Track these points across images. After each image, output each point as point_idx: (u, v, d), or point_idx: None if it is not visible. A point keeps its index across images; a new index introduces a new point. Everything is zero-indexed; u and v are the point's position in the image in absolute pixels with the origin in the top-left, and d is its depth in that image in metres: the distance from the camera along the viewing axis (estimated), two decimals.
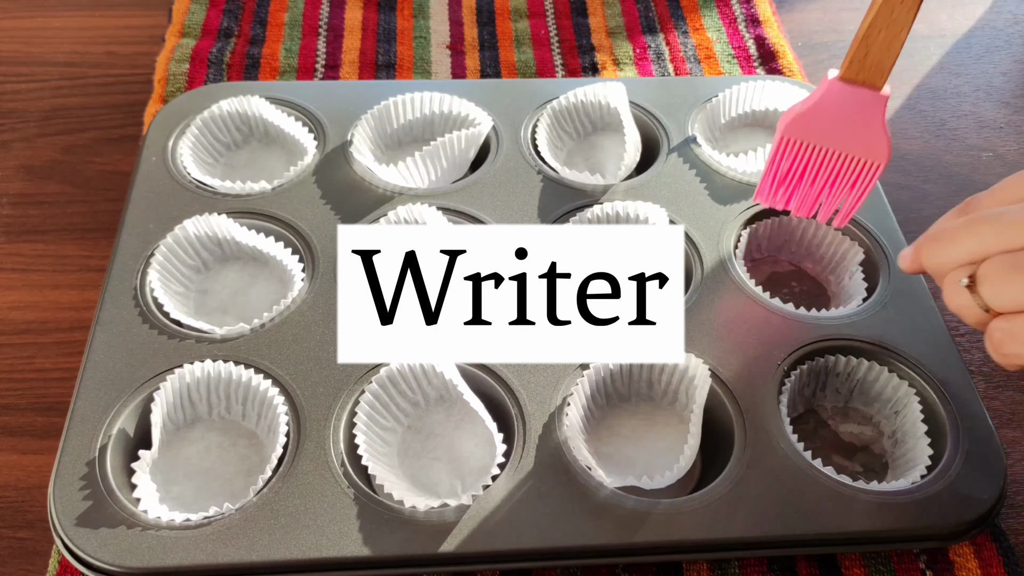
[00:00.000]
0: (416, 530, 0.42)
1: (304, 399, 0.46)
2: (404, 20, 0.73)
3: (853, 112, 0.44)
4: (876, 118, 0.44)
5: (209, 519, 0.42)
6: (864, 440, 0.48)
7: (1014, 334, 0.37)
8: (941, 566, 0.45)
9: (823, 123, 0.45)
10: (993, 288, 0.37)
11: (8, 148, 0.64)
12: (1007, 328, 0.37)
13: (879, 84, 0.43)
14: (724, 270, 0.52)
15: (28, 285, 0.56)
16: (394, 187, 0.56)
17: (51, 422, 0.49)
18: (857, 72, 0.43)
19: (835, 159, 0.45)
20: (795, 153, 0.46)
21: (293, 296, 0.50)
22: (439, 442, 0.47)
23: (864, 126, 0.44)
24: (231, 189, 0.56)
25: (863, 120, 0.44)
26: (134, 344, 0.48)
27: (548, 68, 0.70)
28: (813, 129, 0.45)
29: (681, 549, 0.43)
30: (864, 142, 0.44)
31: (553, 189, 0.56)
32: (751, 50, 0.71)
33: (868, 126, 0.44)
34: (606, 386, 0.48)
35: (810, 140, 0.45)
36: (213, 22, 0.71)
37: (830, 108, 0.44)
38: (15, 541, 0.45)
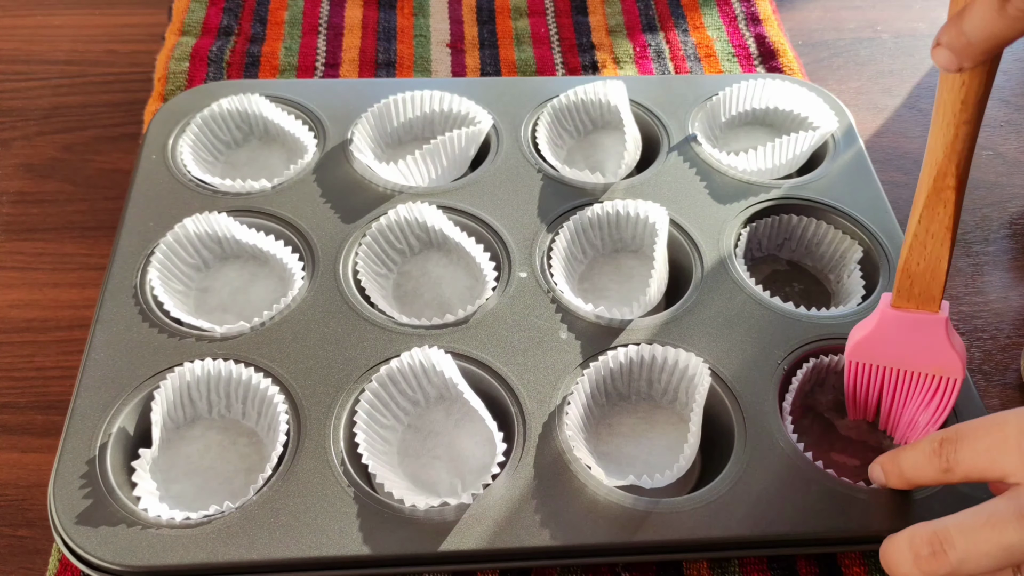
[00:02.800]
0: (416, 529, 0.42)
1: (304, 398, 0.46)
2: (404, 18, 0.73)
3: (915, 335, 0.43)
4: (939, 338, 0.42)
5: (209, 518, 0.42)
6: (863, 437, 0.48)
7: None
8: None
9: (888, 346, 0.43)
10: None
11: (8, 146, 0.64)
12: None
13: (934, 308, 0.42)
14: (724, 269, 0.52)
15: (28, 283, 0.56)
16: (394, 185, 0.56)
17: (51, 420, 0.49)
18: (907, 300, 0.42)
19: (909, 375, 0.44)
20: (868, 373, 0.45)
21: (293, 295, 0.50)
22: (439, 441, 0.47)
23: (929, 346, 0.43)
24: (231, 187, 0.56)
25: (927, 341, 0.43)
26: (134, 342, 0.48)
27: (548, 66, 0.70)
28: (879, 353, 0.44)
29: (681, 548, 0.43)
30: (934, 360, 0.43)
31: (553, 187, 0.56)
32: (751, 48, 0.71)
33: (934, 346, 0.43)
34: (606, 385, 0.48)
35: (878, 362, 0.44)
36: (213, 20, 0.71)
37: (890, 333, 0.43)
38: (15, 540, 0.45)
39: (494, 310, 0.50)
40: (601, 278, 0.55)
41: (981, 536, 0.36)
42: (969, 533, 0.36)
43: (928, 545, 0.37)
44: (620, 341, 0.49)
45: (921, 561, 0.37)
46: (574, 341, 0.49)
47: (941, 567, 0.37)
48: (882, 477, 0.43)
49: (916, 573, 0.38)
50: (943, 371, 0.43)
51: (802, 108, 0.61)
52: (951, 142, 0.37)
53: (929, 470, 0.40)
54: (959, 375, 0.43)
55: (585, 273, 0.55)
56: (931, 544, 0.37)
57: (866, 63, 0.72)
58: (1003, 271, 0.58)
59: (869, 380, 0.45)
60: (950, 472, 0.39)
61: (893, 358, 0.44)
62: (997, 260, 0.59)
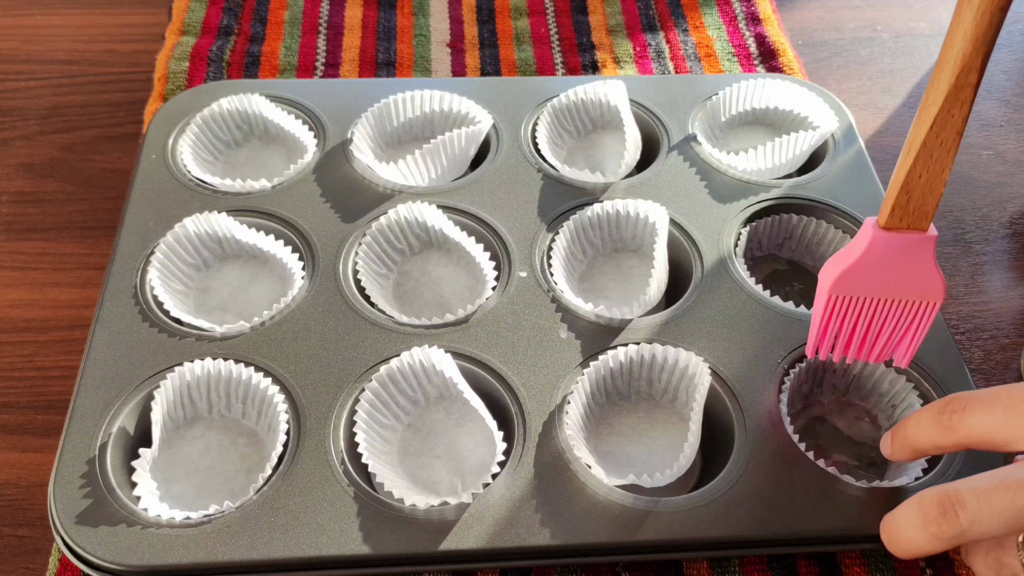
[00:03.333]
0: (416, 528, 0.42)
1: (304, 397, 0.46)
2: (404, 18, 0.73)
3: (901, 258, 0.41)
4: (926, 260, 0.41)
5: (209, 517, 0.42)
6: (863, 434, 0.48)
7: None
8: (941, 564, 0.45)
9: (871, 275, 0.42)
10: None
11: (8, 146, 0.64)
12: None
13: (925, 226, 0.41)
14: (724, 268, 0.52)
15: (28, 283, 0.56)
16: (394, 185, 0.56)
17: (51, 420, 0.49)
18: (900, 219, 0.41)
19: (888, 305, 0.43)
20: (845, 308, 0.44)
21: (293, 294, 0.50)
22: (439, 440, 0.47)
23: (915, 270, 0.41)
24: (231, 187, 0.56)
25: (913, 265, 0.41)
26: (134, 342, 0.48)
27: (548, 66, 0.70)
28: (861, 283, 0.42)
29: (681, 547, 0.43)
30: (917, 285, 0.42)
31: (553, 187, 0.56)
32: (751, 48, 0.71)
33: (919, 269, 0.41)
34: (606, 384, 0.48)
35: (859, 294, 0.43)
36: (213, 20, 0.71)
37: (876, 259, 0.42)
38: (15, 539, 0.45)
39: (494, 310, 0.50)
40: (601, 278, 0.55)
41: (994, 497, 0.35)
42: (981, 495, 0.35)
43: (938, 506, 0.36)
44: (620, 340, 0.49)
45: (930, 523, 0.36)
46: (574, 340, 0.49)
47: (951, 528, 0.36)
48: (888, 446, 0.43)
49: (923, 536, 0.37)
50: (926, 296, 0.42)
51: (802, 108, 0.61)
52: (984, 31, 0.34)
53: (929, 429, 0.39)
54: (939, 298, 0.42)
55: (585, 273, 0.55)
56: (941, 505, 0.36)
57: (866, 63, 0.72)
58: (1003, 271, 0.58)
59: (846, 315, 0.44)
60: (949, 431, 0.38)
61: (877, 288, 0.42)
62: (997, 260, 0.59)
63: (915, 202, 0.40)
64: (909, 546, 0.38)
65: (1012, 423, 0.37)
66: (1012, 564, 0.37)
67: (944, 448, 0.40)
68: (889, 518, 0.39)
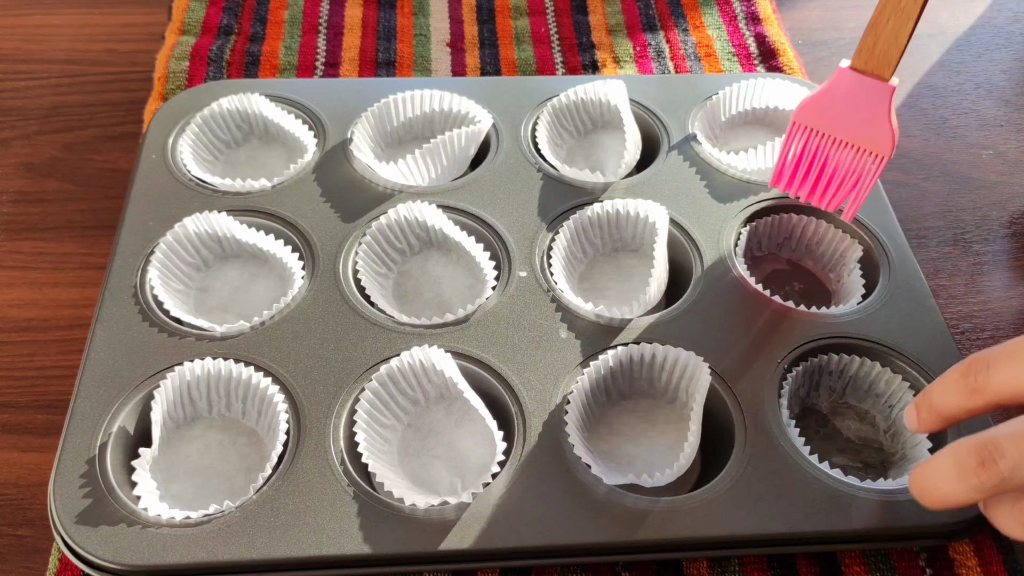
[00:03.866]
0: (416, 528, 0.42)
1: (304, 397, 0.46)
2: (404, 18, 0.73)
3: (861, 101, 0.44)
4: (882, 108, 0.44)
5: (209, 517, 0.42)
6: (862, 435, 0.48)
7: None
8: (941, 564, 0.45)
9: (832, 111, 0.45)
10: None
11: (8, 146, 0.64)
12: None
13: (887, 75, 0.44)
14: (724, 268, 0.52)
15: (28, 283, 0.56)
16: (394, 185, 0.56)
17: (51, 420, 0.49)
18: (866, 61, 0.44)
19: (843, 148, 0.46)
20: (805, 139, 0.47)
21: (293, 294, 0.50)
22: (439, 440, 0.47)
23: (871, 116, 0.44)
24: (231, 187, 0.56)
25: (870, 110, 0.44)
26: (134, 342, 0.48)
27: (548, 66, 0.70)
28: (822, 116, 0.46)
29: (681, 547, 0.43)
30: (870, 133, 0.45)
31: (553, 187, 0.56)
32: (751, 48, 0.71)
33: (874, 116, 0.44)
34: (606, 384, 0.48)
35: (819, 126, 0.46)
36: (213, 19, 0.71)
37: (839, 96, 0.45)
38: (15, 539, 0.45)
39: (494, 309, 0.50)
40: (601, 277, 0.55)
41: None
42: (1020, 440, 0.34)
43: (976, 455, 0.35)
44: (620, 340, 0.49)
45: (968, 474, 0.35)
46: (574, 340, 0.49)
47: (991, 477, 0.34)
48: (915, 419, 0.40)
49: (961, 488, 0.35)
50: (876, 146, 0.45)
51: None
52: None
53: (957, 395, 0.38)
54: (887, 152, 0.44)
55: (585, 272, 0.55)
56: (979, 454, 0.35)
57: None
58: (1003, 270, 0.58)
59: (806, 147, 0.48)
60: (979, 393, 0.37)
61: (834, 125, 0.46)
62: (997, 259, 0.59)
63: (880, 47, 0.43)
64: (944, 498, 0.37)
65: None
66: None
67: (975, 411, 0.38)
68: (921, 471, 0.38)
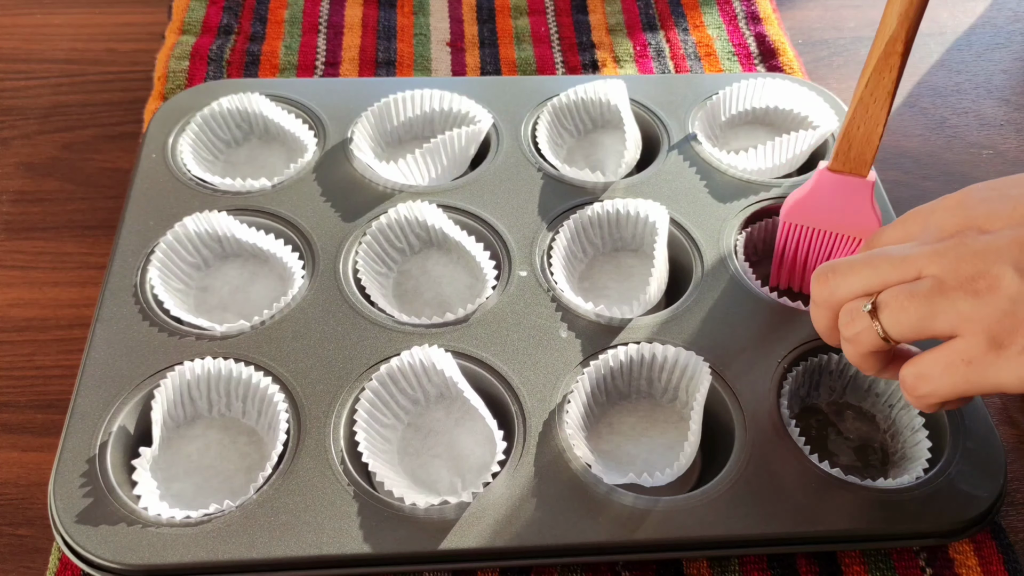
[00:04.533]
0: (416, 527, 0.42)
1: (304, 396, 0.46)
2: (404, 17, 0.73)
3: (843, 197, 0.49)
4: (864, 201, 0.48)
5: (209, 516, 0.42)
6: (862, 435, 0.48)
7: (924, 375, 0.39)
8: (941, 563, 0.45)
9: (818, 208, 0.50)
10: (892, 314, 0.39)
11: (8, 145, 0.64)
12: (916, 371, 0.39)
13: (864, 173, 0.48)
14: (724, 267, 0.52)
15: (28, 282, 0.56)
16: (394, 184, 0.56)
17: (51, 419, 0.49)
18: (843, 164, 0.48)
19: (832, 238, 0.50)
20: (797, 236, 0.51)
21: (293, 293, 0.50)
22: (439, 439, 0.47)
23: (854, 208, 0.49)
24: (231, 186, 0.56)
25: (853, 204, 0.49)
26: (134, 341, 0.48)
27: (548, 65, 0.70)
28: (810, 214, 0.50)
29: (681, 547, 0.43)
30: (855, 222, 0.49)
31: (553, 186, 0.56)
32: (751, 47, 0.71)
33: (858, 208, 0.49)
34: (606, 383, 0.48)
35: (807, 223, 0.50)
36: (213, 19, 0.71)
37: (823, 195, 0.49)
38: (15, 538, 0.45)
39: (494, 309, 0.50)
40: (601, 277, 0.55)
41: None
42: (847, 264, 0.41)
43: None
44: (620, 340, 0.49)
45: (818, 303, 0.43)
46: (574, 340, 0.49)
47: (820, 291, 0.42)
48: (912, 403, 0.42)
49: (820, 322, 0.43)
50: (862, 231, 0.49)
51: (802, 107, 0.61)
52: (905, 11, 0.42)
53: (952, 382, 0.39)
54: (868, 235, 0.47)
55: (585, 272, 0.55)
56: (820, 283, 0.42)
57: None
58: None
59: (798, 243, 0.51)
60: (829, 304, 0.42)
61: (822, 219, 0.50)
62: None
63: (855, 150, 0.47)
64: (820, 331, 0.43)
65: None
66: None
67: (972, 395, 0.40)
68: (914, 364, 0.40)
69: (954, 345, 0.38)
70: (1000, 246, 0.37)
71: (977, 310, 0.37)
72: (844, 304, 0.41)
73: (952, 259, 0.38)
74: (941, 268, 0.38)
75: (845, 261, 0.41)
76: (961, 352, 0.38)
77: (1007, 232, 0.37)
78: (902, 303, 0.39)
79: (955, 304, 0.37)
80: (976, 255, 0.37)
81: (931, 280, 0.38)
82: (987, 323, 0.37)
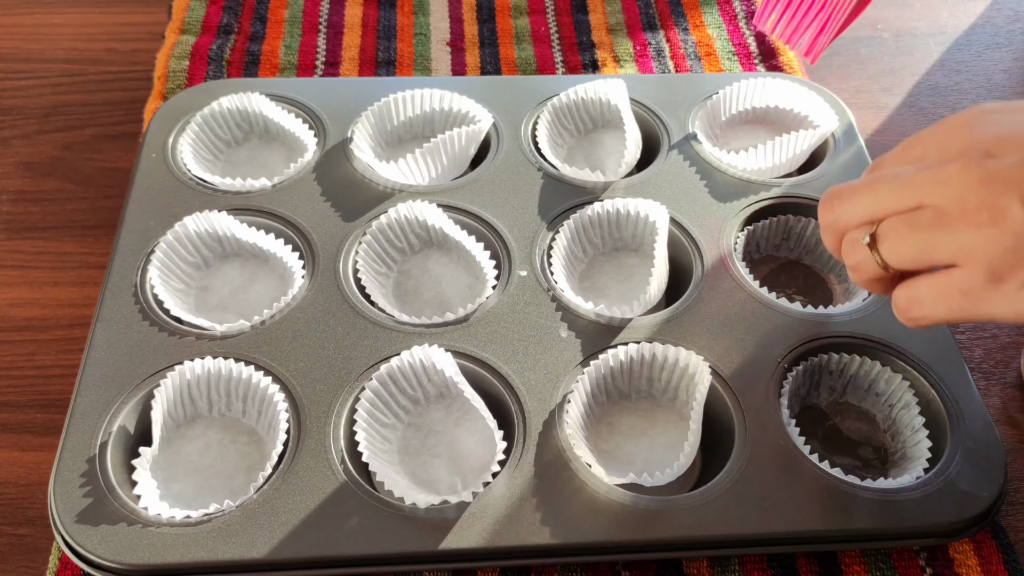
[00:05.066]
0: (416, 527, 0.42)
1: (304, 396, 0.46)
2: (404, 17, 0.73)
3: None
4: None
5: (209, 516, 0.42)
6: (862, 435, 0.48)
7: (917, 299, 0.39)
8: (941, 563, 0.45)
9: None
10: (891, 246, 0.39)
11: (8, 145, 0.64)
12: (910, 295, 0.40)
13: None
14: (724, 267, 0.52)
15: (28, 282, 0.56)
16: (394, 184, 0.56)
17: (51, 419, 0.49)
18: None
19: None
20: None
21: (293, 293, 0.50)
22: (439, 439, 0.47)
23: None
24: (231, 186, 0.56)
25: None
26: (134, 341, 0.48)
27: (548, 65, 0.70)
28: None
29: (681, 546, 0.43)
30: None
31: (553, 186, 0.56)
32: (751, 47, 0.71)
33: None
34: (606, 383, 0.48)
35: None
36: (213, 19, 0.71)
37: None
38: (15, 538, 0.45)
39: (494, 308, 0.50)
40: (601, 276, 0.55)
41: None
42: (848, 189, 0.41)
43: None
44: (620, 339, 0.49)
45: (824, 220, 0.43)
46: (574, 339, 0.49)
47: (827, 214, 0.42)
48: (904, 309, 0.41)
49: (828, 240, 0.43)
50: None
51: (802, 107, 0.61)
52: None
53: (946, 309, 0.39)
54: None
55: (585, 272, 0.55)
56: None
57: (866, 61, 0.72)
58: None
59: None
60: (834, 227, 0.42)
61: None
62: None
63: None
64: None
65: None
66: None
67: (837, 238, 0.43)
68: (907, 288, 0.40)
69: (952, 275, 0.38)
70: (1008, 176, 0.36)
71: (979, 243, 0.36)
72: (847, 231, 0.41)
73: (955, 188, 0.37)
74: (943, 198, 0.37)
75: (848, 187, 0.41)
76: (959, 282, 0.37)
77: (1015, 159, 0.36)
78: (902, 235, 0.38)
79: (956, 236, 0.37)
80: (981, 184, 0.36)
81: (932, 211, 0.37)
82: (989, 257, 0.36)
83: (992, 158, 0.36)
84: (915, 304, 0.39)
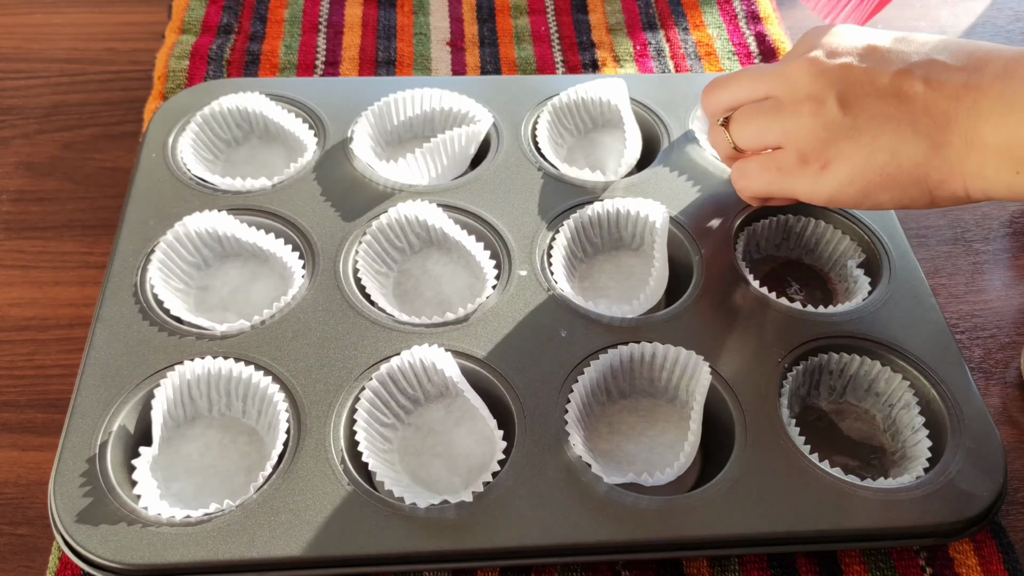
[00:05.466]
0: (416, 527, 0.42)
1: (304, 396, 0.46)
2: (404, 16, 0.73)
3: None
4: None
5: (209, 516, 0.42)
6: (862, 435, 0.48)
7: (745, 171, 0.50)
8: (941, 563, 0.45)
9: None
10: (738, 128, 0.49)
11: (8, 145, 0.64)
12: (742, 167, 0.50)
13: None
14: (724, 268, 0.52)
15: (28, 282, 0.56)
16: (394, 184, 0.56)
17: (51, 419, 0.49)
18: None
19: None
20: None
21: (293, 293, 0.50)
22: (439, 439, 0.47)
23: None
24: (231, 186, 0.56)
25: None
26: (134, 341, 0.48)
27: (548, 65, 0.70)
28: None
29: (681, 546, 0.43)
30: None
31: (553, 186, 0.56)
32: (751, 47, 0.71)
33: None
34: (606, 382, 0.48)
35: None
36: (213, 18, 0.71)
37: None
38: (15, 538, 0.45)
39: (494, 308, 0.50)
40: (601, 276, 0.55)
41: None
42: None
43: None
44: (620, 339, 0.49)
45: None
46: (574, 339, 0.49)
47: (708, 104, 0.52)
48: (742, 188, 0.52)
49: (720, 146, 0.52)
50: None
51: None
52: None
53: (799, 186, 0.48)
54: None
55: (585, 271, 0.55)
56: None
57: None
58: (1003, 269, 0.58)
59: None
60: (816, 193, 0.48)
61: None
62: (997, 258, 0.59)
63: None
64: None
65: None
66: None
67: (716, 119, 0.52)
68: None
69: (775, 154, 0.47)
70: (832, 75, 0.44)
71: (797, 129, 0.45)
72: (715, 115, 0.50)
73: (792, 81, 0.45)
74: (782, 89, 0.46)
75: (722, 78, 0.50)
76: (777, 160, 0.47)
77: (842, 61, 0.44)
78: (747, 119, 0.48)
79: (784, 122, 0.45)
80: (813, 78, 0.44)
81: (773, 101, 0.46)
82: (802, 141, 0.45)
83: (831, 58, 0.45)
84: (742, 175, 0.50)
